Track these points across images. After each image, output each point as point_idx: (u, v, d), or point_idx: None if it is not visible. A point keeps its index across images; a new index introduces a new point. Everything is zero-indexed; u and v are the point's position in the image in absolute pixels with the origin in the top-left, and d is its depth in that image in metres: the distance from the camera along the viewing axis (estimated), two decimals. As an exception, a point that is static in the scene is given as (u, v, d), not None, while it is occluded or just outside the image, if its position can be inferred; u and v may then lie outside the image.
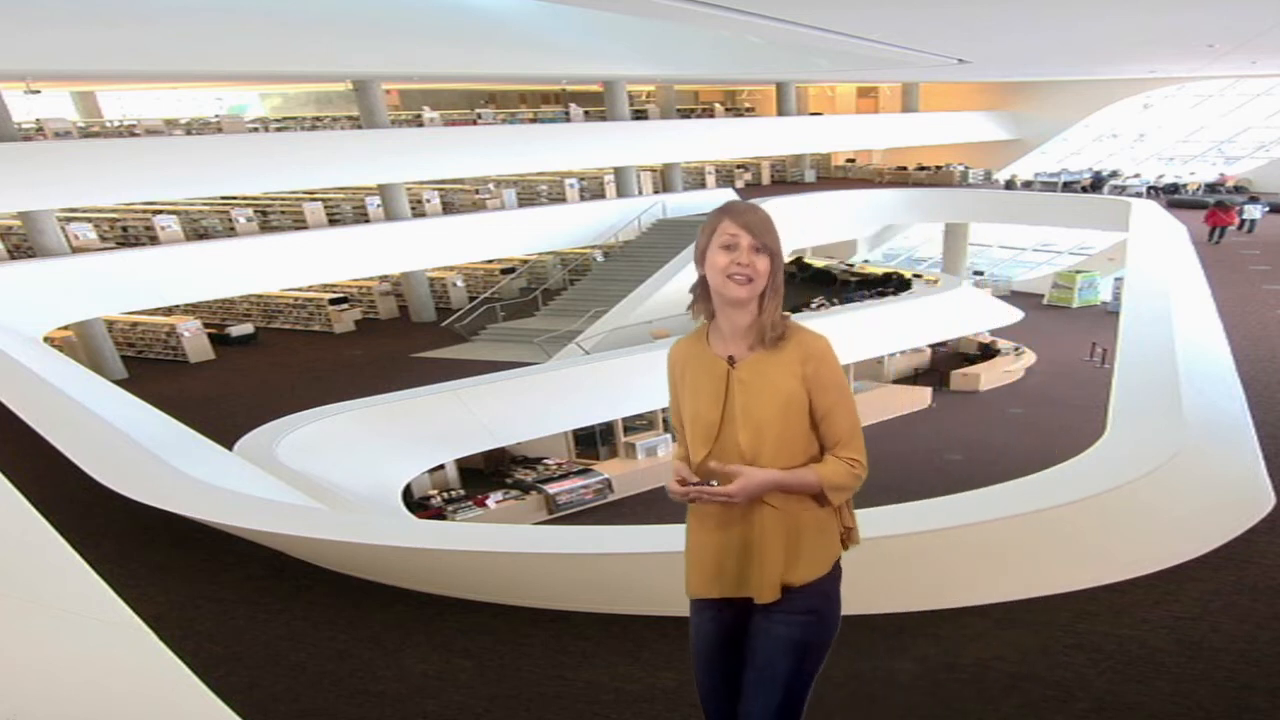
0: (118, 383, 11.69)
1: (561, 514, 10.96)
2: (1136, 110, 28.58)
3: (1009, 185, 26.64)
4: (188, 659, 1.83)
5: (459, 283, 19.92)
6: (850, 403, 1.88)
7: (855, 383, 14.83)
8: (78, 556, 2.22)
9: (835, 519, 1.92)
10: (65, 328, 13.73)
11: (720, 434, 1.82)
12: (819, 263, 22.47)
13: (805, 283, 21.31)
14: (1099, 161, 28.61)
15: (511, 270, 20.49)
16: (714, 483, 1.77)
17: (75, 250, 13.93)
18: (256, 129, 21.02)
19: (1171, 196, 23.56)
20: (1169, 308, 8.46)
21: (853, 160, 30.87)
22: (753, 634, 1.91)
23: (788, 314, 1.88)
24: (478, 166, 19.41)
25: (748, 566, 1.85)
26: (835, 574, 1.93)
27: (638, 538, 4.98)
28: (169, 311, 15.85)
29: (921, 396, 15.05)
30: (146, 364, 14.92)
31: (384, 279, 18.97)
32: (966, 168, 27.95)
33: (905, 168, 29.18)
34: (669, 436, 12.62)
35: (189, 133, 18.85)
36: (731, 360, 1.84)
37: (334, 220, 18.11)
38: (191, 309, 16.83)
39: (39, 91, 15.82)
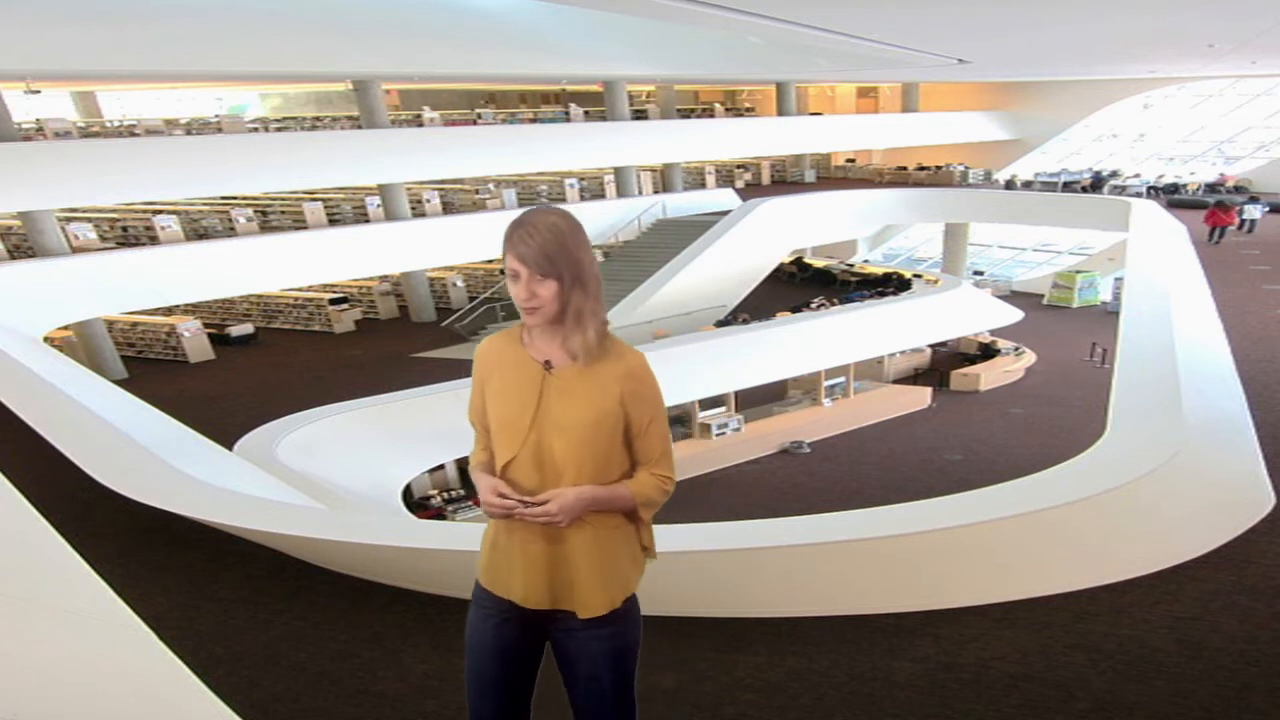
0: (118, 383, 11.68)
1: (561, 514, 10.95)
2: (1136, 110, 28.58)
3: (1009, 185, 26.64)
4: (188, 659, 1.83)
5: (459, 283, 19.93)
6: (665, 421, 1.87)
7: (856, 382, 14.83)
8: (78, 556, 2.22)
9: (636, 535, 1.91)
10: (65, 328, 13.72)
11: (529, 440, 1.76)
12: (819, 263, 22.51)
13: (805, 283, 21.36)
14: (1099, 161, 28.61)
15: (512, 270, 20.46)
16: (534, 501, 1.73)
17: (75, 250, 13.94)
18: (256, 129, 21.02)
19: (1171, 196, 23.56)
20: (1169, 308, 8.46)
21: (853, 160, 30.88)
22: (566, 657, 1.90)
23: (608, 322, 1.83)
24: (478, 166, 19.42)
25: (560, 583, 1.81)
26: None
27: (638, 538, 4.97)
28: (169, 311, 15.84)
29: (921, 396, 15.04)
30: (146, 364, 14.92)
31: (384, 279, 18.97)
32: (966, 168, 27.96)
33: (905, 168, 29.19)
34: (669, 436, 12.62)
35: (189, 133, 18.85)
36: (548, 365, 1.79)
37: (334, 220, 18.12)
38: (191, 309, 16.83)
39: (39, 91, 15.83)
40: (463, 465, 11.61)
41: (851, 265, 22.51)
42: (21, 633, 1.80)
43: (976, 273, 23.45)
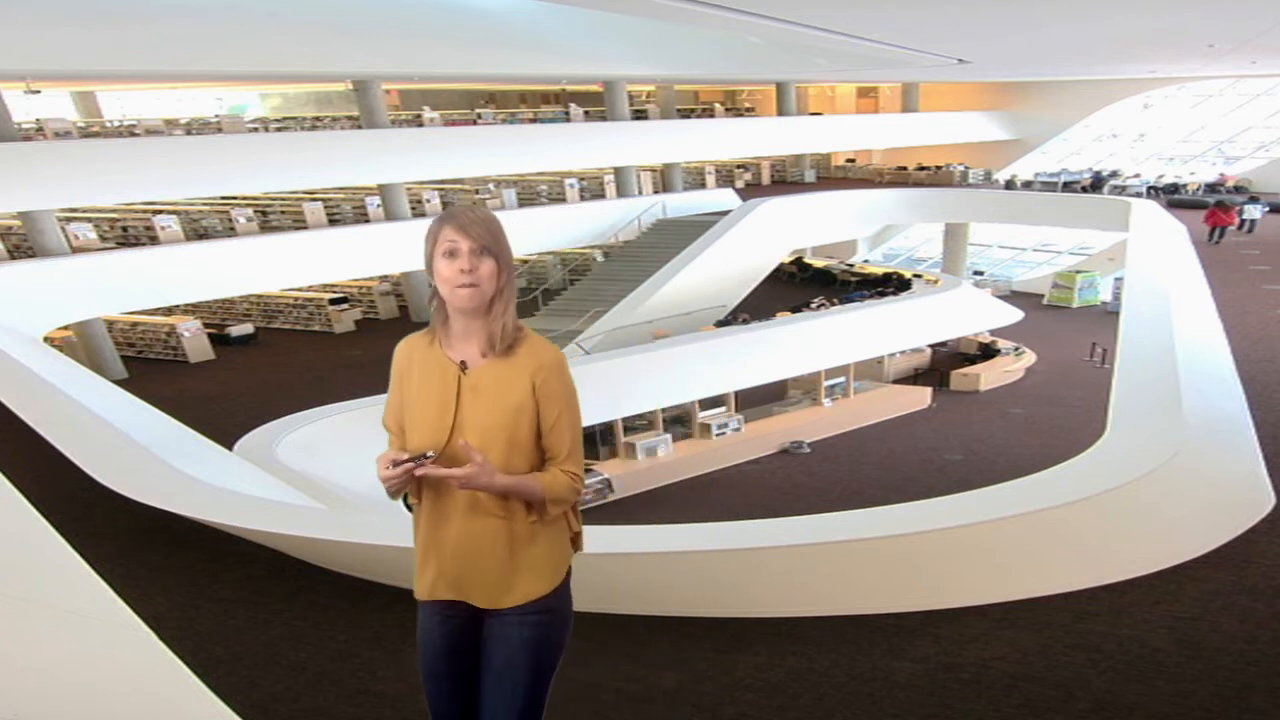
0: (118, 383, 11.68)
1: (561, 514, 10.96)
2: (1136, 110, 28.57)
3: (1009, 185, 26.64)
4: (188, 659, 1.83)
5: (459, 283, 19.89)
6: (577, 417, 1.87)
7: (856, 382, 14.82)
8: (78, 556, 2.22)
9: (565, 526, 1.93)
10: (65, 328, 13.72)
11: (450, 440, 1.78)
12: (819, 263, 22.50)
13: (805, 283, 21.35)
14: (1099, 161, 28.60)
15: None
16: (429, 454, 1.71)
17: (75, 250, 13.93)
18: (256, 129, 21.01)
19: (1171, 196, 23.56)
20: (1169, 308, 8.46)
21: (853, 160, 30.87)
22: (487, 636, 1.90)
23: (522, 324, 1.86)
24: (478, 166, 19.41)
25: (469, 571, 1.84)
26: (566, 576, 1.95)
27: (638, 538, 4.99)
28: (169, 311, 15.84)
29: (921, 396, 15.03)
30: (146, 364, 14.92)
31: (384, 279, 18.97)
32: (966, 168, 27.95)
33: (905, 168, 29.18)
34: (668, 436, 12.62)
35: (189, 133, 18.84)
36: (463, 365, 1.80)
37: (334, 220, 18.11)
38: (191, 309, 16.83)
39: (39, 91, 15.82)
40: (463, 465, 11.59)
41: (851, 265, 22.50)
42: (21, 633, 1.80)
43: (976, 273, 23.44)
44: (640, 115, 23.89)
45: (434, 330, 1.86)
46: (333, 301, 17.70)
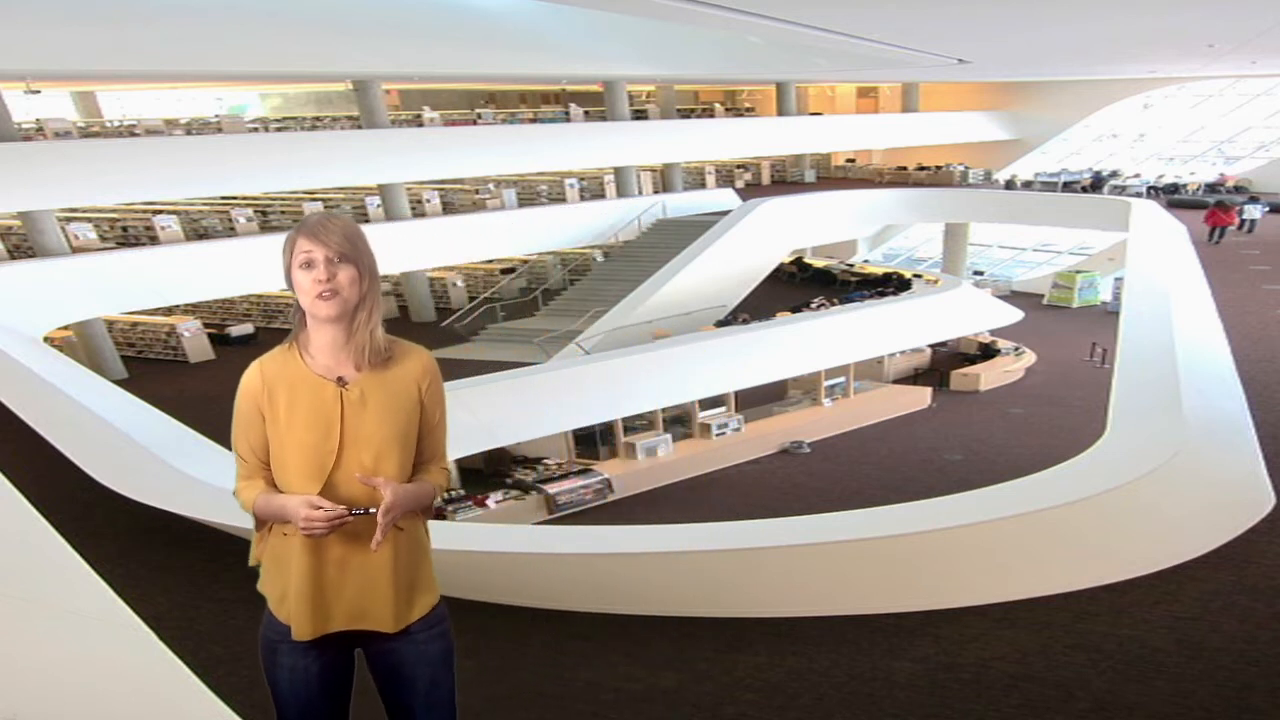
0: (118, 383, 11.68)
1: (561, 514, 10.96)
2: (1136, 110, 28.57)
3: (1009, 185, 26.64)
4: (188, 659, 1.83)
5: (459, 283, 19.92)
6: (446, 415, 1.86)
7: (856, 382, 14.82)
8: (78, 556, 2.22)
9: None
10: (65, 328, 13.71)
11: (341, 461, 1.67)
12: (819, 263, 22.50)
13: (805, 283, 21.35)
14: (1099, 161, 28.60)
15: (511, 270, 20.49)
16: (360, 510, 1.63)
17: (75, 250, 13.93)
18: (256, 129, 21.02)
19: (1171, 196, 23.56)
20: (1169, 308, 8.46)
21: (853, 160, 30.87)
22: (400, 667, 1.80)
23: (394, 338, 1.79)
24: (478, 166, 19.41)
25: (371, 595, 1.72)
26: None
27: (638, 538, 4.99)
28: (169, 311, 15.83)
29: (921, 396, 15.03)
30: (146, 364, 14.92)
31: (384, 279, 18.97)
32: (966, 168, 27.95)
33: (905, 168, 29.18)
34: (668, 436, 12.62)
35: (189, 133, 18.86)
36: (341, 381, 1.71)
37: (334, 220, 18.09)
38: (191, 309, 16.82)
39: (39, 91, 15.82)
40: (463, 465, 11.61)
41: (851, 265, 22.50)
42: (21, 633, 1.80)
43: (976, 273, 23.43)
44: (640, 115, 23.90)
45: (291, 345, 1.75)
46: (333, 301, 17.68)
